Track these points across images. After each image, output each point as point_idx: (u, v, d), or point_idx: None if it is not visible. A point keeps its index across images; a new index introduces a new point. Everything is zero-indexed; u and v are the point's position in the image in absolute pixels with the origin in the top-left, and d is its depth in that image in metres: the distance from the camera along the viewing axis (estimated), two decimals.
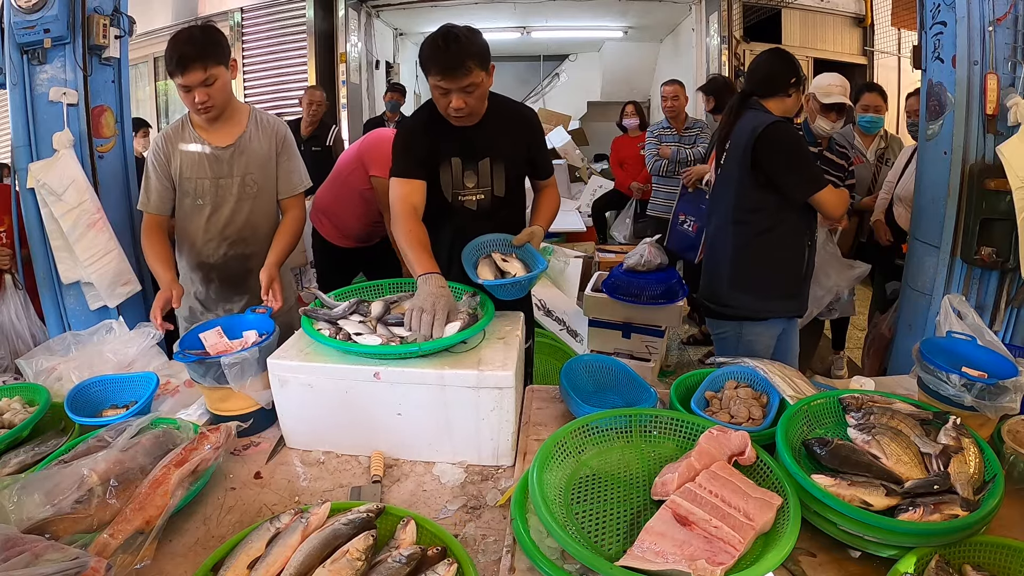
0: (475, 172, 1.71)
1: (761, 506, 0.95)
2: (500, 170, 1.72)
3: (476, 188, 1.73)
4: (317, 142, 4.34)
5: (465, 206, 1.74)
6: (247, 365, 1.35)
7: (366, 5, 6.21)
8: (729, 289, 1.90)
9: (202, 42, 1.67)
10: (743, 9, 5.72)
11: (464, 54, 1.50)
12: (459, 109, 1.56)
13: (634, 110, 4.63)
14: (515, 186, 1.79)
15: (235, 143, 1.83)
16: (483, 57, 1.54)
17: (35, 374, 1.63)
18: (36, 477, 1.05)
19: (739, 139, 1.82)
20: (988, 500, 0.97)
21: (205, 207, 1.86)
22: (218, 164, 1.83)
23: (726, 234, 1.90)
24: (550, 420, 1.44)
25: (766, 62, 1.93)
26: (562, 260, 3.65)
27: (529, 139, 1.78)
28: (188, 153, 1.82)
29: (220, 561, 0.92)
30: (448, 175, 1.71)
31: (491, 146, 1.70)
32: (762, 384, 1.38)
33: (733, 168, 1.85)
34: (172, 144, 1.82)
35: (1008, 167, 1.85)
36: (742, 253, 1.86)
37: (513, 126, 1.74)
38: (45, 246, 2.33)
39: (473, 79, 1.52)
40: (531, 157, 1.79)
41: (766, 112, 1.84)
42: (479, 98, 1.58)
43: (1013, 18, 1.90)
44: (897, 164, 2.89)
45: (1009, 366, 1.25)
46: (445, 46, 1.50)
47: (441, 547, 0.94)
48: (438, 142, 1.68)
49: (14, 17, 2.17)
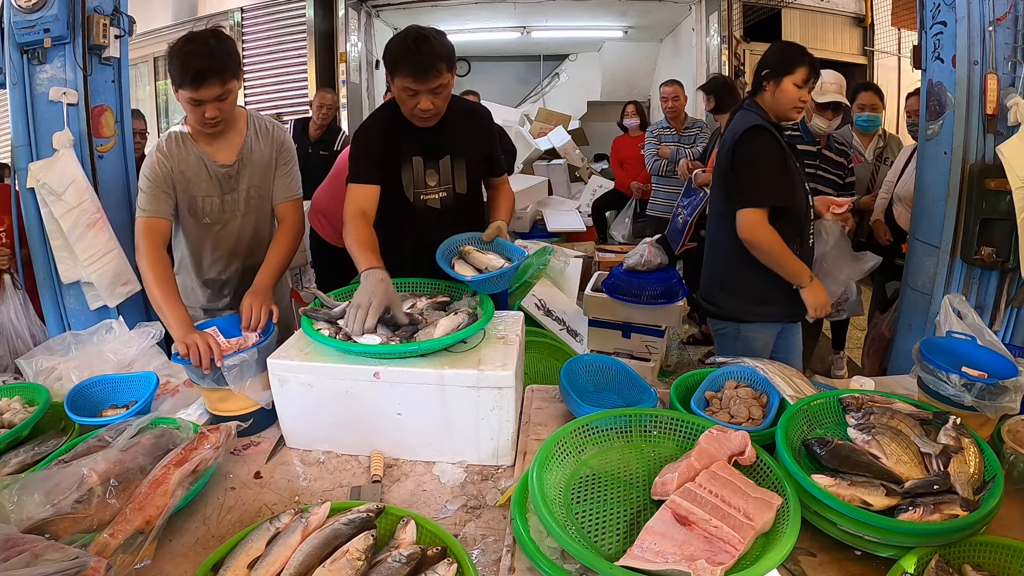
0: (436, 171, 1.72)
1: (761, 506, 0.95)
2: (461, 167, 1.74)
3: (438, 187, 1.74)
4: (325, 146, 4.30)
5: (428, 204, 1.75)
6: (246, 366, 1.35)
7: (366, 5, 6.21)
8: (720, 290, 1.91)
9: (220, 54, 1.53)
10: (743, 9, 5.71)
11: (435, 56, 1.51)
12: (426, 110, 1.57)
13: (635, 110, 4.64)
14: (476, 183, 1.81)
15: (239, 157, 1.73)
16: (451, 58, 1.56)
17: (35, 374, 1.63)
18: (36, 477, 1.05)
19: (725, 141, 1.83)
20: (988, 500, 0.97)
21: (213, 225, 1.78)
22: (226, 182, 1.74)
23: (719, 238, 1.90)
24: (550, 420, 1.44)
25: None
26: (562, 260, 3.65)
27: (485, 137, 1.80)
28: (194, 172, 1.70)
29: (220, 561, 0.92)
30: (409, 174, 1.71)
31: (452, 144, 1.71)
32: (762, 384, 1.38)
33: (719, 171, 1.86)
34: (174, 161, 1.68)
35: (1008, 167, 1.85)
36: (732, 258, 1.84)
37: (471, 124, 1.76)
38: (45, 246, 2.33)
39: (442, 80, 1.54)
40: (488, 155, 1.80)
41: (757, 111, 1.81)
42: (445, 99, 1.60)
43: (1013, 18, 1.90)
44: (897, 164, 2.89)
45: (1009, 366, 1.26)
46: (416, 48, 1.50)
47: (441, 547, 0.95)
48: (399, 142, 1.68)
49: (14, 17, 2.17)
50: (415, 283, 1.65)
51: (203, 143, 1.70)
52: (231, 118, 1.69)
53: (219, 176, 1.72)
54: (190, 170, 1.69)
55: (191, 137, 1.70)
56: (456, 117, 1.70)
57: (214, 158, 1.71)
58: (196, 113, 1.59)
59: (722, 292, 1.90)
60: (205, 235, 1.79)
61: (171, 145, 1.69)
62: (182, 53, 1.51)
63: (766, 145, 1.73)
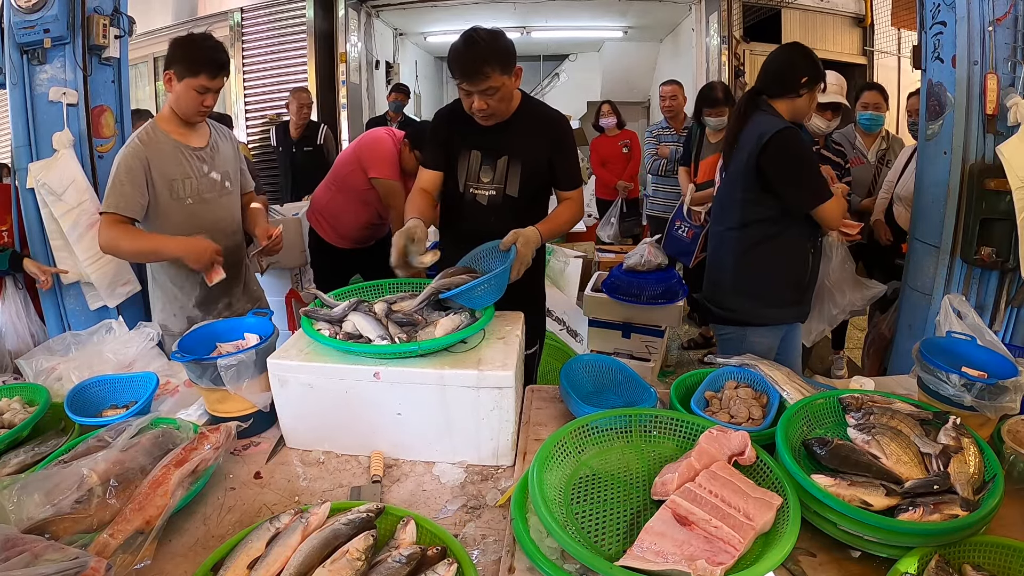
0: (492, 168, 1.74)
1: (761, 506, 0.95)
2: (516, 170, 1.73)
3: (490, 183, 1.75)
4: (308, 142, 4.40)
5: (476, 199, 1.76)
6: (243, 367, 1.35)
7: (366, 5, 6.21)
8: (731, 294, 1.88)
9: (226, 53, 1.80)
10: (743, 9, 5.72)
11: (481, 60, 1.52)
12: (481, 110, 1.60)
13: (610, 109, 4.63)
14: (531, 190, 1.77)
15: (209, 143, 1.91)
16: (504, 61, 1.55)
17: (35, 374, 1.63)
18: (36, 477, 1.05)
19: (746, 144, 1.77)
20: (988, 500, 0.97)
21: (195, 205, 1.87)
22: (200, 162, 1.88)
23: (729, 238, 1.87)
24: (550, 420, 1.44)
25: (778, 58, 1.83)
26: (562, 260, 3.66)
27: (554, 146, 1.76)
28: (170, 155, 1.82)
29: (220, 561, 0.92)
30: (465, 166, 1.75)
31: (512, 145, 1.72)
32: (762, 384, 1.38)
33: (738, 173, 1.81)
34: (151, 150, 1.79)
35: (1008, 167, 1.85)
36: (744, 259, 1.84)
37: (540, 130, 1.74)
38: (45, 246, 2.33)
39: (492, 83, 1.55)
40: (553, 164, 1.77)
41: (774, 114, 1.77)
42: (501, 100, 1.60)
43: (1013, 18, 1.90)
44: (897, 164, 2.89)
45: (1009, 366, 1.26)
46: (465, 50, 1.54)
47: (441, 547, 0.94)
48: (462, 133, 1.73)
49: (14, 17, 2.17)
50: (415, 283, 1.65)
51: (174, 132, 1.84)
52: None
53: (194, 157, 1.86)
54: (165, 154, 1.81)
55: (161, 128, 1.83)
56: (526, 120, 1.71)
57: (186, 143, 1.86)
58: (197, 100, 1.78)
59: (734, 295, 1.87)
60: (190, 216, 1.87)
61: (144, 135, 1.81)
62: (206, 46, 1.76)
63: (804, 144, 1.76)
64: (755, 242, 1.81)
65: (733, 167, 1.85)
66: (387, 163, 2.60)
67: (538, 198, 1.82)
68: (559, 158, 1.77)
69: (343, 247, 2.82)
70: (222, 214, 1.95)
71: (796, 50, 1.83)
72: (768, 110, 1.79)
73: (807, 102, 1.79)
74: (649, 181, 4.19)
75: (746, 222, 1.81)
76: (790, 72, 1.77)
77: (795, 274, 1.84)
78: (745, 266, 1.84)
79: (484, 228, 1.66)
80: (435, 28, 7.37)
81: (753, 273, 1.83)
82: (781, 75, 1.79)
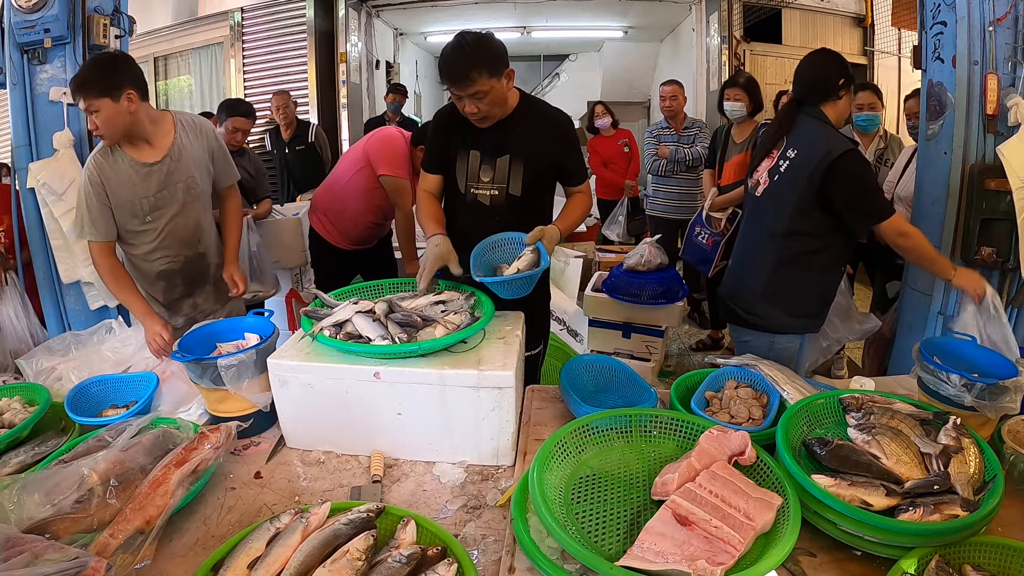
0: (492, 168, 1.72)
1: (761, 506, 0.95)
2: (518, 169, 1.72)
3: (491, 183, 1.74)
4: (300, 141, 4.42)
5: (478, 200, 1.75)
6: (243, 367, 1.35)
7: (366, 5, 6.21)
8: (762, 301, 1.85)
9: (98, 72, 1.69)
10: (743, 9, 5.72)
11: (467, 64, 1.52)
12: (472, 113, 1.60)
13: (604, 110, 4.61)
14: (533, 189, 1.76)
15: (168, 154, 1.85)
16: (492, 65, 1.55)
17: (35, 374, 1.63)
18: (36, 477, 1.05)
19: (808, 156, 1.71)
20: (988, 500, 0.97)
21: (155, 221, 1.88)
22: (154, 179, 1.84)
23: (769, 246, 1.83)
24: (550, 420, 1.44)
25: (812, 65, 1.83)
26: (562, 260, 3.66)
27: (558, 143, 1.76)
28: (124, 178, 1.80)
29: (220, 561, 0.92)
30: (464, 167, 1.74)
31: (512, 145, 1.71)
32: (762, 384, 1.38)
33: (791, 183, 1.75)
34: (105, 170, 1.79)
35: (1008, 167, 1.85)
36: (782, 268, 1.80)
37: (542, 128, 1.73)
38: (45, 246, 2.33)
39: (479, 87, 1.54)
40: (558, 161, 1.77)
41: (826, 121, 1.76)
42: (492, 103, 1.60)
43: (1013, 18, 1.90)
44: (897, 164, 2.89)
45: (1009, 366, 1.26)
46: (451, 56, 1.55)
47: (441, 547, 0.94)
48: (460, 134, 1.73)
49: (14, 17, 2.17)
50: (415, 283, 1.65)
51: (128, 148, 1.82)
52: (131, 123, 1.77)
53: (146, 175, 1.83)
54: (119, 178, 1.80)
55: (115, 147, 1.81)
56: (526, 119, 1.71)
57: (140, 159, 1.82)
58: (92, 124, 1.74)
59: (765, 303, 1.84)
60: (150, 232, 1.90)
61: (97, 161, 1.80)
62: (83, 68, 1.74)
63: (867, 165, 1.79)
64: (797, 253, 1.78)
65: (787, 176, 1.78)
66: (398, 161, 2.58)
67: (541, 197, 1.82)
68: (566, 154, 1.78)
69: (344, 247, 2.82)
70: (185, 223, 1.93)
71: (826, 55, 1.85)
72: (819, 116, 1.77)
73: (847, 103, 1.82)
74: (649, 181, 4.18)
75: (793, 231, 1.76)
76: (825, 77, 1.79)
77: (827, 289, 1.84)
78: (782, 276, 1.81)
79: (487, 228, 1.66)
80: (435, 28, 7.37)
81: (788, 284, 1.81)
82: (818, 81, 1.80)
